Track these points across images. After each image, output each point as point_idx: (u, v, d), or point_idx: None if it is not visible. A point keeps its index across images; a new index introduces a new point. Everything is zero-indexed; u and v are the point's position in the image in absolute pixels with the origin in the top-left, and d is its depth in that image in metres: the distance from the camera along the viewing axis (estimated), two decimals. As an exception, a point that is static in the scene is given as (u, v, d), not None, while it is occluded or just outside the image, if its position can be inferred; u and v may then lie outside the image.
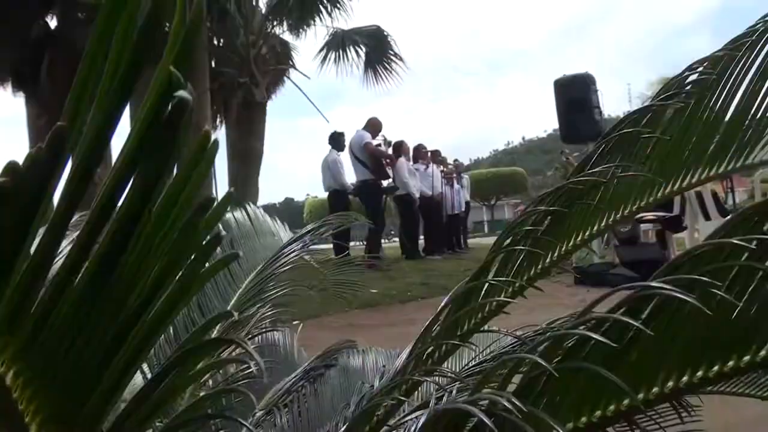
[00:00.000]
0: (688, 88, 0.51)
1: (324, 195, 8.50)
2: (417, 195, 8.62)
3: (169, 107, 0.26)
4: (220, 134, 11.52)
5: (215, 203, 0.30)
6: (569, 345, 0.33)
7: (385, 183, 7.87)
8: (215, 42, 8.82)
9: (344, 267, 1.35)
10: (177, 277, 0.31)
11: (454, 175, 10.61)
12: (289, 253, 1.08)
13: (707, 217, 5.80)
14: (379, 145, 7.72)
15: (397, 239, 10.27)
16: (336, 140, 7.77)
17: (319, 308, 4.47)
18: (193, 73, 7.23)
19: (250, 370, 1.14)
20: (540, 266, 0.54)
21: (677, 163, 0.53)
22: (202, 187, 0.32)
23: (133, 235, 0.28)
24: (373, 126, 7.61)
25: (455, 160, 11.37)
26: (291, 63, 10.45)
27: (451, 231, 10.28)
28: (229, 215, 1.23)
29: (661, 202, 0.57)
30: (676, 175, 0.53)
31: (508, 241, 0.52)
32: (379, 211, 7.45)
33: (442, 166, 9.89)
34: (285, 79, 10.51)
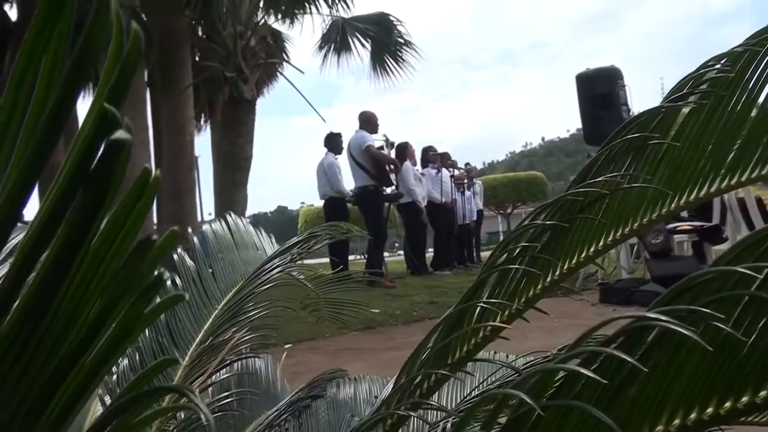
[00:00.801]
0: (703, 87, 0.51)
1: (320, 203, 8.51)
2: (424, 203, 8.63)
3: (105, 146, 0.27)
4: (204, 135, 11.58)
5: (157, 241, 0.31)
6: (560, 379, 0.33)
7: (388, 190, 7.87)
8: (198, 32, 8.88)
9: (340, 284, 1.35)
10: (118, 319, 0.32)
11: (466, 180, 10.62)
12: (272, 270, 1.08)
13: (751, 227, 5.78)
14: (381, 147, 7.72)
15: (401, 252, 10.27)
16: (332, 142, 7.78)
17: (314, 330, 4.47)
18: (175, 68, 7.28)
19: (228, 400, 1.14)
20: (539, 286, 0.54)
21: (692, 171, 0.53)
22: (146, 224, 0.33)
23: (67, 275, 0.28)
24: (369, 121, 7.55)
25: (466, 164, 11.38)
26: (284, 56, 10.51)
27: (463, 243, 10.28)
28: (206, 226, 1.23)
29: (683, 209, 0.57)
30: (692, 185, 0.54)
31: (502, 258, 0.52)
32: (381, 221, 7.44)
33: (453, 170, 9.90)
34: (277, 73, 10.57)
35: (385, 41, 9.40)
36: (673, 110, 0.51)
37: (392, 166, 7.54)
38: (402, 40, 9.49)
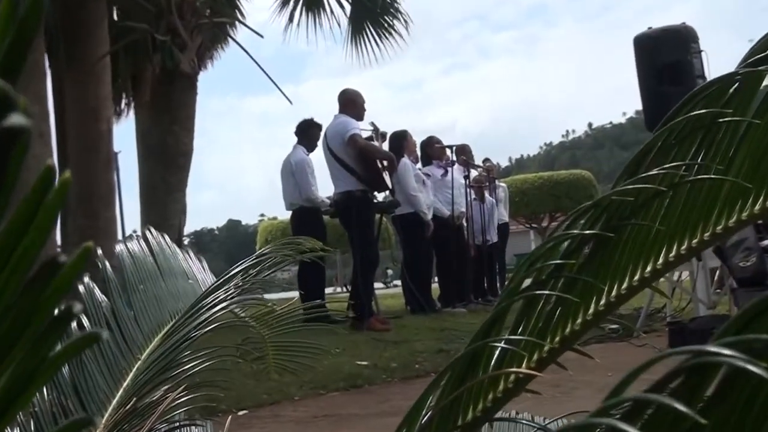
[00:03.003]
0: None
1: (286, 215, 8.51)
2: (430, 215, 8.64)
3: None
4: (127, 122, 11.57)
5: (66, 262, 0.31)
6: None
7: (380, 197, 7.87)
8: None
9: (304, 322, 1.34)
10: (12, 366, 0.32)
11: (485, 183, 10.65)
12: (213, 306, 1.08)
13: None
14: (371, 137, 7.71)
15: (398, 282, 10.26)
16: (305, 132, 7.79)
17: (278, 390, 4.46)
18: (85, 32, 7.28)
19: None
20: (579, 320, 0.54)
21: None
22: (49, 242, 0.33)
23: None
24: (352, 103, 7.49)
25: (485, 161, 11.43)
26: (236, 14, 10.52)
27: (481, 269, 10.29)
28: (119, 247, 1.23)
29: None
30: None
31: (528, 281, 0.53)
32: (370, 240, 7.44)
33: (467, 170, 9.93)
34: (226, 38, 10.58)
35: (366, 4, 9.51)
36: (755, 77, 0.52)
37: (386, 163, 7.49)
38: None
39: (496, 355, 0.55)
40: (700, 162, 0.52)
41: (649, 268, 0.55)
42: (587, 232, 0.51)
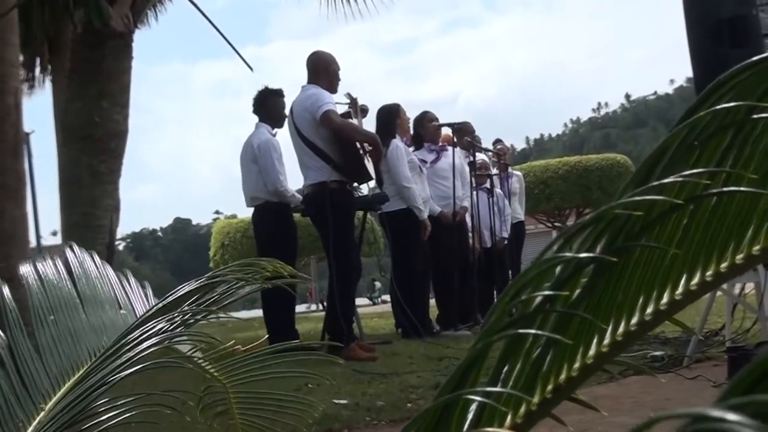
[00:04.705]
0: None
1: (247, 212, 8.49)
2: (426, 213, 8.63)
3: None
4: (42, 95, 11.54)
5: None
6: None
7: (364, 189, 7.85)
8: None
9: (270, 363, 1.34)
10: None
11: (495, 171, 10.67)
12: (143, 340, 1.08)
13: None
14: (348, 113, 7.66)
15: (387, 298, 10.26)
16: (263, 105, 7.75)
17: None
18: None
19: None
20: (576, 364, 0.54)
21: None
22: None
23: None
24: (325, 70, 7.33)
25: (497, 143, 11.46)
26: (180, -42, 10.52)
27: (492, 280, 10.31)
28: (24, 269, 1.23)
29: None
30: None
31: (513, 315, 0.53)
32: (350, 244, 7.43)
33: (471, 154, 9.94)
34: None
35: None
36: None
37: (369, 146, 7.42)
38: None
39: (473, 409, 0.55)
40: (730, 169, 0.52)
41: (665, 299, 0.55)
42: (584, 255, 0.51)
